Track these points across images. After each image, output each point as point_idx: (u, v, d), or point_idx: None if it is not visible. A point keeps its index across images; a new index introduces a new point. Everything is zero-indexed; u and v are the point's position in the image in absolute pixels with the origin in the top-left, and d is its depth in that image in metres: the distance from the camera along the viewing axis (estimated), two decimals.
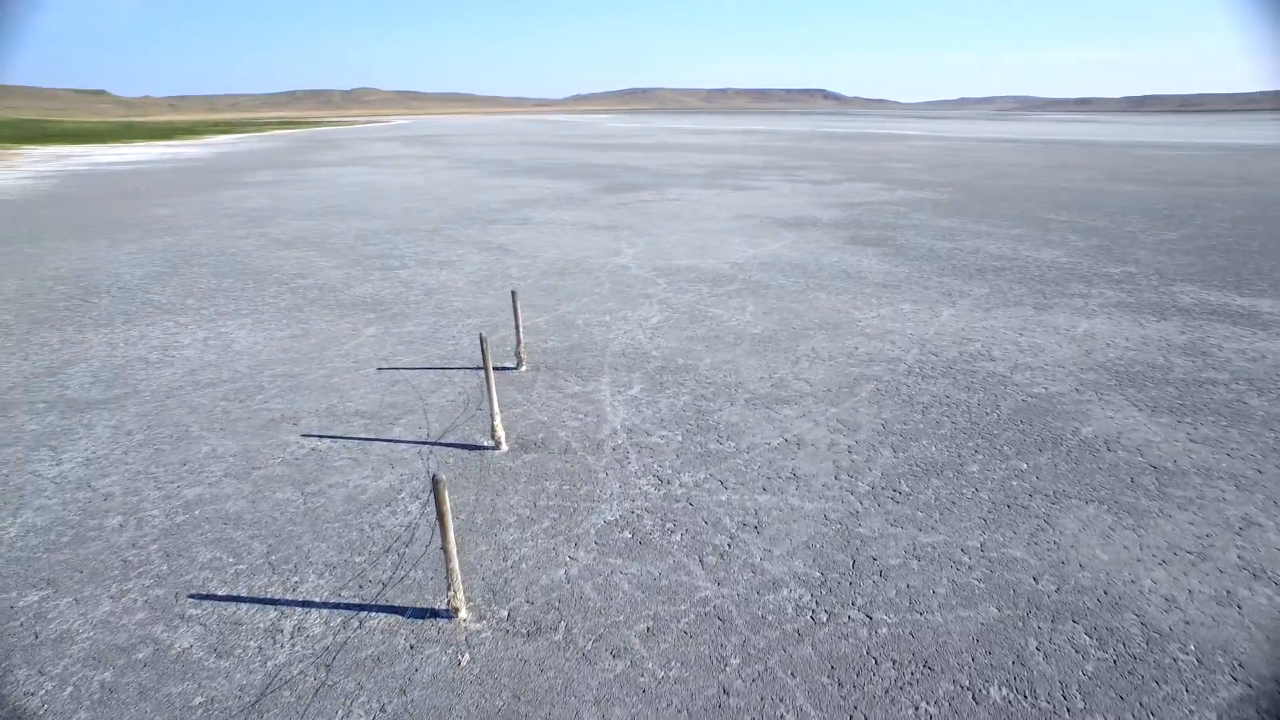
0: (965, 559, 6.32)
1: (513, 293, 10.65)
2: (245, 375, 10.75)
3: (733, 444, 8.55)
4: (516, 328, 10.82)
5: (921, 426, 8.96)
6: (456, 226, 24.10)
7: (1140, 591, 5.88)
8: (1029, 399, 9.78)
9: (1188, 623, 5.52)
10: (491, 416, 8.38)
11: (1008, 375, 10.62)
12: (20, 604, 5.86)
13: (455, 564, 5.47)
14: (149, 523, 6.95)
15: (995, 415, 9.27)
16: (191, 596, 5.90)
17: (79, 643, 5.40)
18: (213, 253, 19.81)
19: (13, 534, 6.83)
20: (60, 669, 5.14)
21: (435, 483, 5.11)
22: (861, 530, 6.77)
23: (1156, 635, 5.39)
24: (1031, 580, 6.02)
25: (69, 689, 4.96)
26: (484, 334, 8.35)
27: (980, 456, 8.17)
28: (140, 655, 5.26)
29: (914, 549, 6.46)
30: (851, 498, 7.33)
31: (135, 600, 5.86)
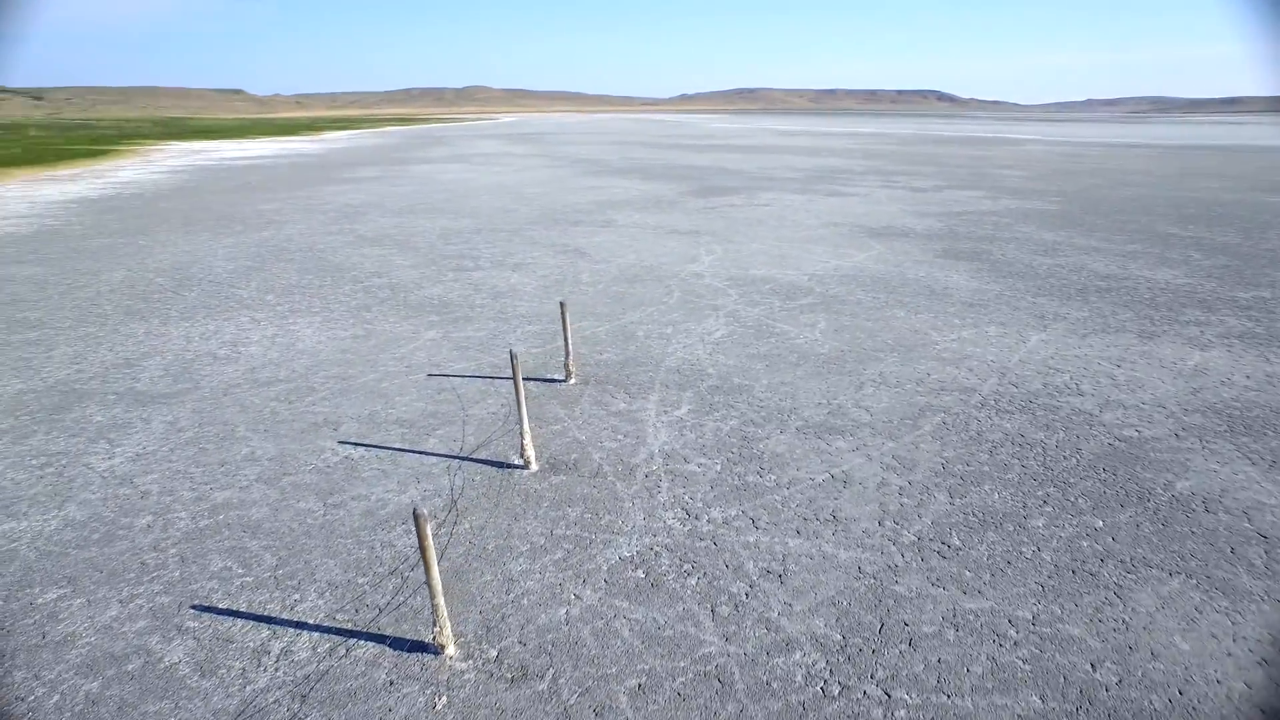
0: (1012, 632, 5.57)
1: (561, 304, 10.40)
2: (300, 375, 10.96)
3: (773, 477, 7.99)
4: (565, 340, 10.57)
5: (987, 469, 8.12)
6: (538, 227, 24.21)
7: (1228, 696, 5.00)
8: (1117, 443, 8.74)
9: None
10: (521, 435, 8.14)
11: (1095, 414, 9.55)
12: (39, 601, 6.01)
13: (441, 600, 5.22)
14: (174, 525, 7.06)
15: (1074, 460, 8.31)
16: (194, 607, 5.90)
17: (79, 647, 5.46)
18: (301, 248, 20.60)
19: (53, 527, 7.07)
20: (54, 674, 5.19)
21: (416, 517, 4.86)
22: (897, 588, 6.11)
23: None
24: (1088, 667, 5.23)
25: (56, 697, 4.99)
26: (514, 350, 8.11)
27: (1049, 509, 7.30)
28: (130, 667, 5.26)
29: (954, 615, 5.76)
30: (893, 548, 6.66)
31: (141, 606, 5.90)
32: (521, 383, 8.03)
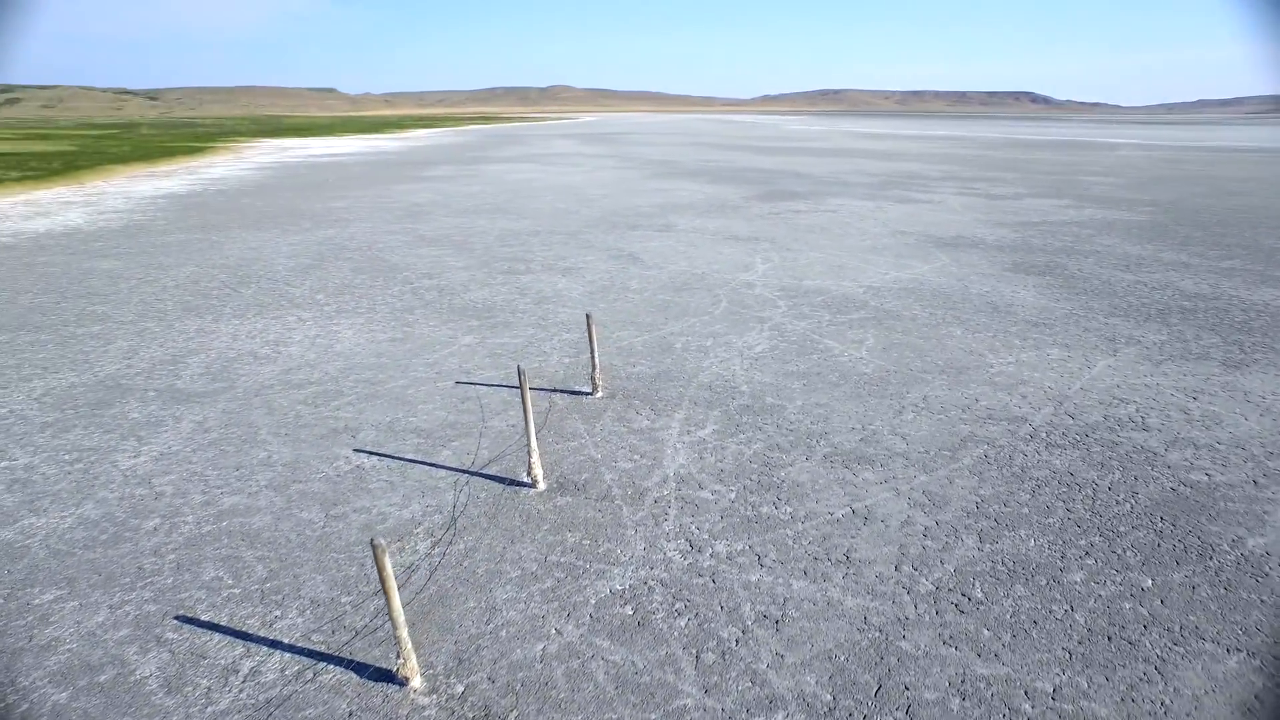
0: (1026, 707, 5.01)
1: (587, 315, 10.16)
2: (331, 379, 11.05)
3: (789, 509, 7.53)
4: (592, 353, 10.32)
5: (1025, 511, 7.45)
6: (596, 231, 24.09)
7: None
8: (1181, 488, 7.90)
9: None
10: (529, 454, 7.92)
11: (1160, 452, 8.69)
12: (36, 601, 6.12)
13: (404, 631, 5.03)
14: (179, 529, 7.12)
15: (1128, 506, 7.54)
16: (177, 618, 5.89)
17: (59, 654, 5.50)
18: (361, 247, 21.04)
19: (68, 524, 7.24)
20: (29, 681, 5.24)
21: (374, 548, 4.67)
22: (903, 645, 5.60)
23: None
24: None
25: (25, 706, 5.02)
26: (522, 366, 7.89)
27: (1090, 562, 6.61)
28: (102, 678, 5.26)
29: (962, 681, 5.23)
30: (906, 598, 6.14)
31: (128, 614, 5.93)
32: (530, 399, 7.80)
